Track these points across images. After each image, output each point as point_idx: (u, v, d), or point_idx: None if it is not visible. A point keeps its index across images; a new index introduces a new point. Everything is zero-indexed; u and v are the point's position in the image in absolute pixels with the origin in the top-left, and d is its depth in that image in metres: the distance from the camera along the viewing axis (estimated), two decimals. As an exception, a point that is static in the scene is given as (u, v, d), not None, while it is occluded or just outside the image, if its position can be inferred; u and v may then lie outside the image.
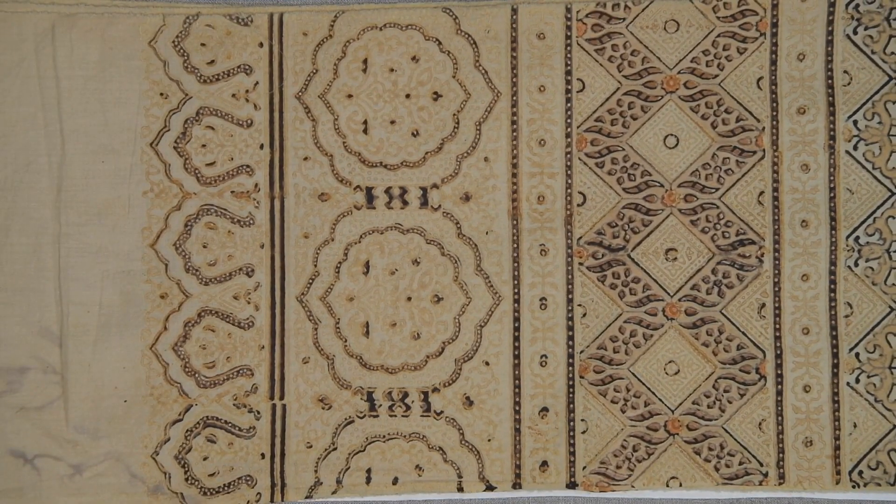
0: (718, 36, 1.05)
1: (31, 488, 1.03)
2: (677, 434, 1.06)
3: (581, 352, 1.06)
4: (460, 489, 1.06)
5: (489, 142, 1.06)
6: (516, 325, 1.07)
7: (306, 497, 1.05)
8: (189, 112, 1.06)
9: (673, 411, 1.06)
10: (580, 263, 1.06)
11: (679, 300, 1.06)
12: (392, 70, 1.06)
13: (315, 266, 1.06)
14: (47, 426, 1.03)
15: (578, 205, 1.06)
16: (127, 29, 1.05)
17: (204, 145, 1.05)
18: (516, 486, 1.06)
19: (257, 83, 1.06)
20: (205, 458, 1.05)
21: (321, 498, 1.06)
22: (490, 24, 1.06)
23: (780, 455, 1.05)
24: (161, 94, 1.05)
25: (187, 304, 1.05)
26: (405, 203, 1.06)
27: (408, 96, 1.06)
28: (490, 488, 1.06)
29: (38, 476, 1.03)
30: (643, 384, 1.06)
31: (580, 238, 1.06)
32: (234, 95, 1.06)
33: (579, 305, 1.06)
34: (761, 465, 1.05)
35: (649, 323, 1.06)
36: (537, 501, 1.07)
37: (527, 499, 1.07)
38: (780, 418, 1.05)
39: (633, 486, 1.06)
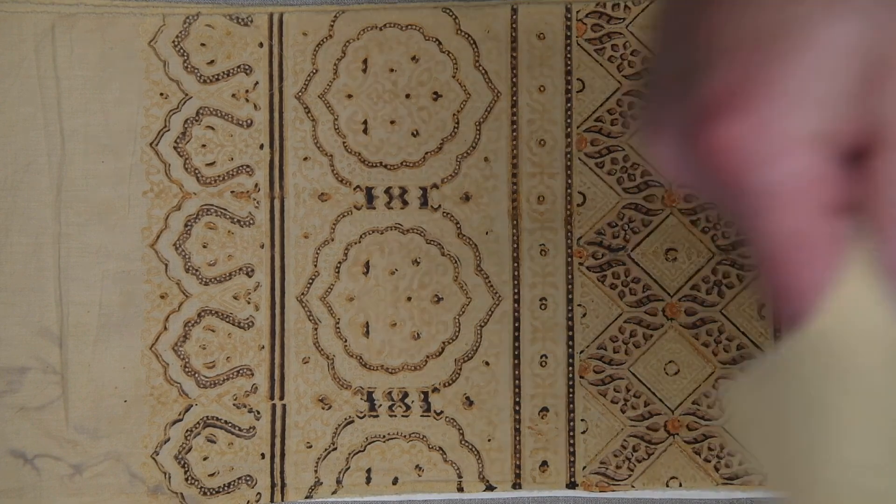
0: None
1: (31, 488, 1.03)
2: (677, 434, 1.06)
3: (581, 352, 1.06)
4: (460, 489, 1.06)
5: (489, 142, 1.06)
6: (516, 325, 1.07)
7: (306, 497, 1.05)
8: (189, 112, 1.05)
9: (673, 411, 1.06)
10: (580, 263, 1.06)
11: (679, 300, 1.06)
12: (392, 70, 1.06)
13: (315, 266, 1.06)
14: (47, 426, 1.03)
15: (578, 205, 1.06)
16: (127, 29, 1.05)
17: (204, 145, 1.05)
18: (516, 486, 1.06)
19: (257, 83, 1.06)
20: (205, 458, 1.05)
21: (321, 498, 1.06)
22: (490, 23, 1.06)
23: (781, 455, 1.05)
24: (161, 94, 1.05)
25: (187, 304, 1.05)
26: (405, 203, 1.06)
27: (408, 96, 1.06)
28: (490, 488, 1.06)
29: (38, 476, 1.03)
30: (643, 384, 1.06)
31: (580, 238, 1.06)
32: (234, 95, 1.06)
33: (579, 305, 1.06)
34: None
35: (649, 323, 1.06)
36: (537, 501, 1.07)
37: (527, 499, 1.07)
38: (780, 418, 1.05)
39: (633, 486, 1.06)
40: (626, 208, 1.07)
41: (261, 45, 1.07)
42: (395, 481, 1.06)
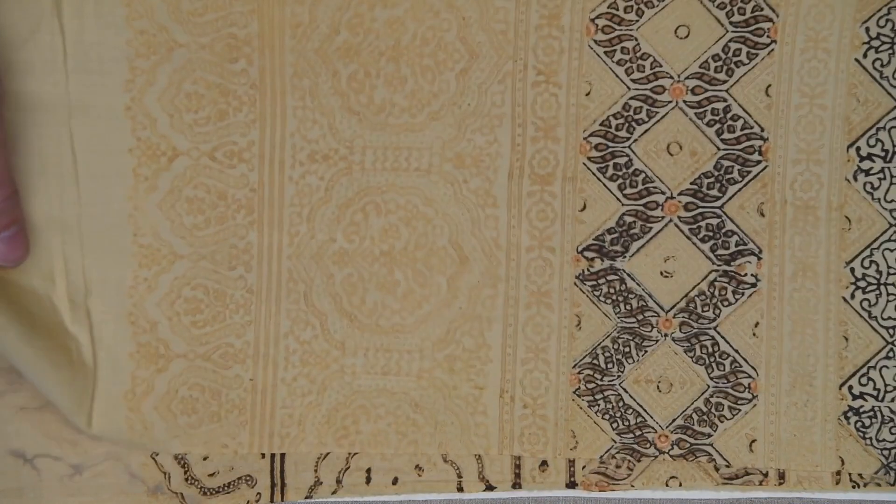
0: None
1: (31, 488, 1.03)
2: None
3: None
4: (460, 489, 1.06)
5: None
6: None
7: (306, 497, 1.05)
8: None
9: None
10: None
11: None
12: None
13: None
14: (47, 426, 1.03)
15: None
16: None
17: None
18: (516, 485, 1.06)
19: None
20: (205, 458, 1.04)
21: (321, 498, 1.05)
22: None
23: (780, 455, 1.05)
24: None
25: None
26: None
27: None
28: (490, 488, 1.06)
29: (38, 476, 1.03)
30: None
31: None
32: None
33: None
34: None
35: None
36: (537, 501, 1.07)
37: (526, 499, 1.07)
38: (781, 418, 1.05)
39: (632, 486, 1.06)
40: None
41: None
42: (394, 481, 1.05)
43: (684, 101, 1.03)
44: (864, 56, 1.02)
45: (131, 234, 1.00)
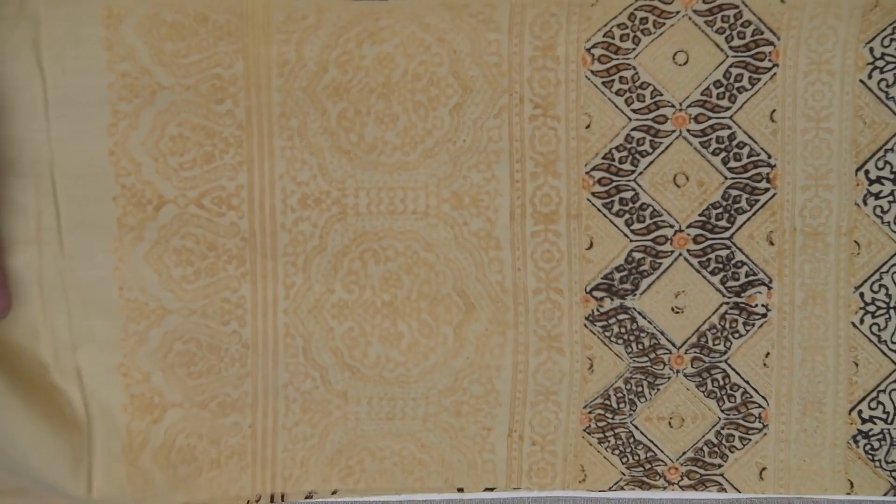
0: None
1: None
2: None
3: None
4: (460, 489, 1.06)
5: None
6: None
7: (306, 497, 1.06)
8: None
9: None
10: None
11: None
12: None
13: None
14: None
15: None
16: None
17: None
18: (516, 486, 1.07)
19: None
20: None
21: (321, 498, 1.06)
22: None
23: (780, 455, 1.06)
24: None
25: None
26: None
27: None
28: (490, 488, 1.07)
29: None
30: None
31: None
32: None
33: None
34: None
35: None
36: (537, 501, 1.08)
37: (527, 499, 1.08)
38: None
39: (635, 487, 1.08)
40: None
41: None
42: (395, 482, 1.08)
43: (688, 130, 1.00)
44: (869, 77, 0.98)
45: (117, 287, 0.97)
